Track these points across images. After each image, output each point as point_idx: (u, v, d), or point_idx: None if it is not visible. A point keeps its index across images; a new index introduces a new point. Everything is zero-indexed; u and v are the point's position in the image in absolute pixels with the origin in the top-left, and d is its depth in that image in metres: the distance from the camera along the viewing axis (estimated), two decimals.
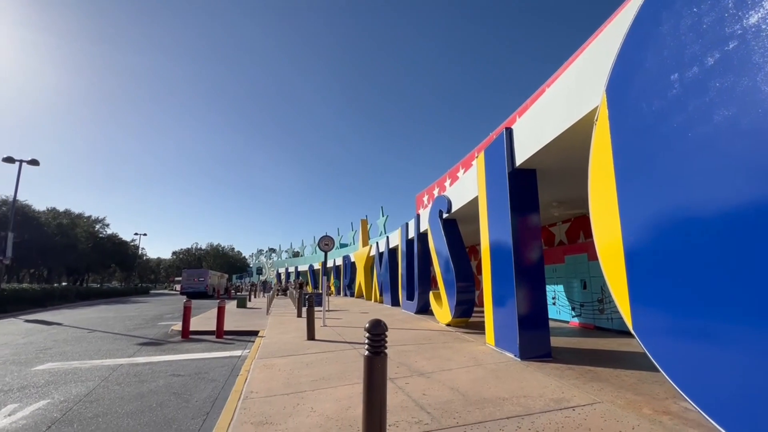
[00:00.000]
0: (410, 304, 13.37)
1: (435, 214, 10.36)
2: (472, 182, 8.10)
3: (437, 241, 10.20)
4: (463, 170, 18.37)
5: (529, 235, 5.71)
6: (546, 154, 5.39)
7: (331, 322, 10.93)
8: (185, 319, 9.59)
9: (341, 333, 8.64)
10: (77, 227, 40.54)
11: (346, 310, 15.51)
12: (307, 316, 7.97)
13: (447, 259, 9.28)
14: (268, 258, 67.97)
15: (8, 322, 13.79)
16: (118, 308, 20.48)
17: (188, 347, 8.15)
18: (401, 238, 15.57)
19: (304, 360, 5.89)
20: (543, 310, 5.56)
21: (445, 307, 9.33)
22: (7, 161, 18.48)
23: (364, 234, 26.56)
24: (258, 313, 14.82)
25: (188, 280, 32.07)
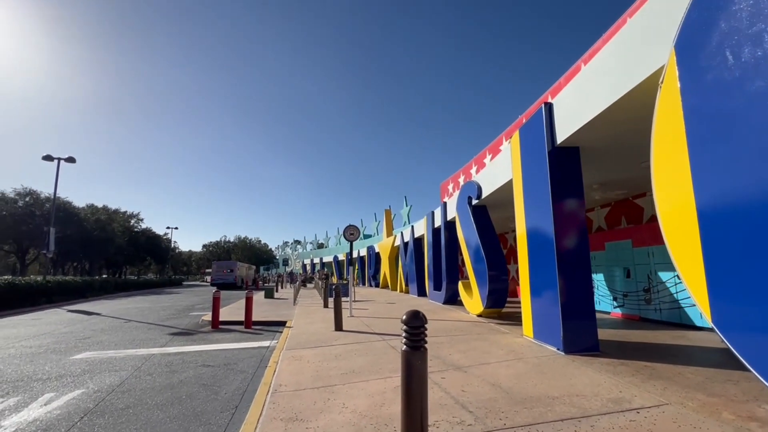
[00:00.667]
0: (438, 294, 13.05)
1: (463, 201, 9.92)
2: (504, 166, 7.61)
3: (466, 228, 9.78)
4: (490, 156, 17.73)
5: (573, 218, 5.24)
6: (591, 130, 4.87)
7: (358, 312, 10.78)
8: (214, 310, 9.67)
9: (369, 324, 8.45)
10: (114, 222, 42.44)
11: (372, 300, 15.37)
12: (334, 307, 7.80)
13: (477, 247, 8.86)
14: (294, 249, 69.13)
15: (53, 312, 14.50)
16: (153, 299, 21.25)
17: (218, 337, 8.19)
18: (427, 227, 15.19)
19: (332, 352, 5.70)
20: (589, 300, 5.10)
21: (476, 297, 8.95)
22: (46, 159, 19.34)
23: (388, 224, 26.31)
24: (285, 304, 14.92)
25: (218, 271, 32.98)
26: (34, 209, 33.81)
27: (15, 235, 32.74)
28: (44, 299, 17.06)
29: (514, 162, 6.60)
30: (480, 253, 8.68)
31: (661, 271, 7.27)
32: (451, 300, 12.33)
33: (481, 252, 8.63)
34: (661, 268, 7.27)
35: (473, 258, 9.26)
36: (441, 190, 24.94)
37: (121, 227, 44.35)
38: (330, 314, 10.49)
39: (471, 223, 9.28)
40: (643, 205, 8.51)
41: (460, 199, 10.26)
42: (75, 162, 19.89)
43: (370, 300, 15.40)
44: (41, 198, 34.96)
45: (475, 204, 9.55)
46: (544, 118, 5.46)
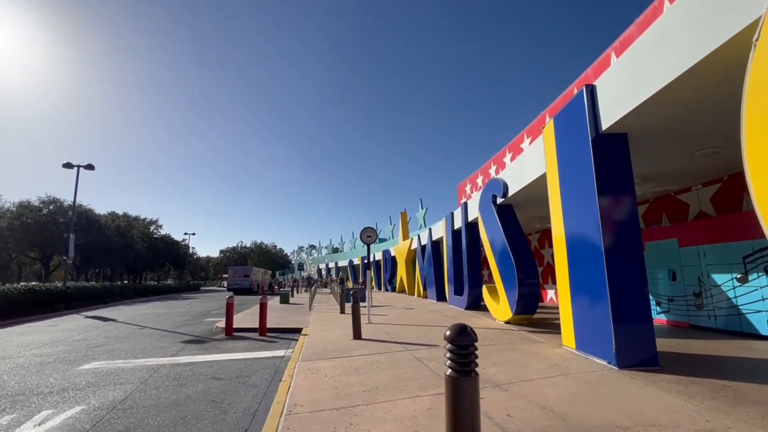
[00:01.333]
0: (459, 300, 12.42)
1: (487, 200, 9.33)
2: (533, 161, 7.02)
3: (491, 229, 9.17)
4: (511, 154, 17.09)
5: (624, 213, 4.62)
6: (642, 113, 4.27)
7: (377, 318, 10.27)
8: (228, 317, 9.32)
9: (389, 332, 7.92)
10: (133, 228, 43.26)
11: (390, 305, 14.84)
12: (352, 314, 7.31)
13: (504, 249, 8.24)
14: (309, 254, 69.25)
15: (71, 318, 14.48)
16: (170, 304, 21.23)
17: (231, 346, 7.80)
18: (446, 230, 14.60)
19: (352, 364, 5.20)
20: (645, 305, 4.46)
21: (504, 303, 8.32)
22: (66, 167, 19.61)
23: (404, 227, 25.77)
24: (300, 309, 14.53)
25: (234, 276, 33.04)
26: (58, 217, 34.65)
27: (39, 242, 33.59)
28: (63, 305, 17.14)
29: (549, 154, 6.00)
30: (507, 256, 8.07)
31: (716, 273, 6.52)
32: (474, 305, 11.68)
33: (508, 254, 8.01)
34: (716, 270, 6.52)
35: (499, 261, 8.64)
36: (458, 191, 24.31)
37: (140, 234, 45.14)
38: (347, 320, 10.01)
39: (496, 223, 8.68)
40: (688, 201, 7.76)
41: (484, 198, 9.67)
42: (94, 169, 20.11)
43: (388, 305, 14.88)
44: (64, 206, 35.80)
45: (500, 203, 8.95)
46: (586, 103, 4.86)
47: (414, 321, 9.55)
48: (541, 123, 13.98)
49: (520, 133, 15.91)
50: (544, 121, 13.75)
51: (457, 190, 24.49)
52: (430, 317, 10.25)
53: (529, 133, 15.28)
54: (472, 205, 11.42)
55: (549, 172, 5.99)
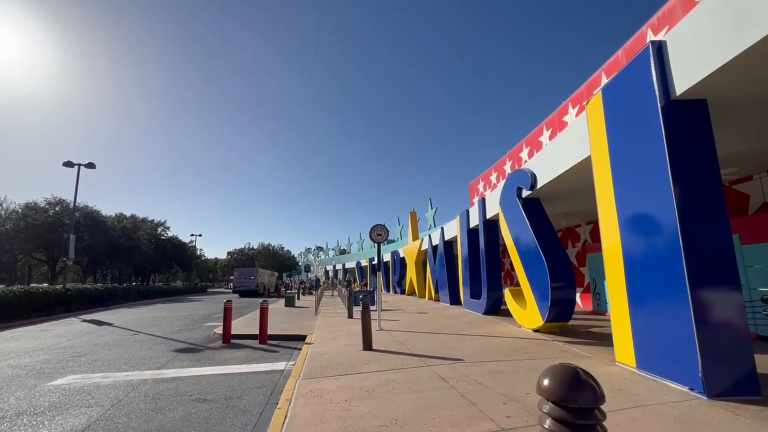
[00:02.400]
0: (476, 304, 11.47)
1: (510, 194, 8.39)
2: (570, 145, 6.09)
3: (515, 226, 8.23)
4: (528, 149, 16.13)
5: (709, 197, 3.68)
6: (731, 72, 3.34)
7: (388, 324, 9.37)
8: (226, 323, 8.52)
9: (403, 341, 7.02)
10: (140, 230, 42.96)
11: (401, 309, 13.94)
12: (362, 321, 6.43)
13: (532, 248, 7.30)
14: (316, 256, 68.62)
15: (67, 321, 13.84)
16: (173, 307, 20.57)
17: (226, 356, 6.98)
18: (460, 228, 13.67)
19: (363, 384, 4.32)
20: (740, 313, 3.50)
21: (532, 309, 7.37)
22: (66, 165, 19.10)
23: (414, 227, 24.85)
24: (306, 314, 13.69)
25: (240, 278, 32.40)
26: (64, 218, 34.38)
27: (46, 243, 33.33)
28: (62, 308, 16.54)
29: (595, 134, 5.07)
30: (536, 256, 7.13)
31: None
32: (493, 310, 10.73)
33: (538, 254, 7.07)
34: None
35: (526, 261, 7.70)
36: (470, 189, 23.36)
37: (147, 235, 44.84)
38: (355, 327, 9.14)
39: (522, 219, 7.74)
40: (748, 192, 6.74)
41: (506, 192, 8.73)
42: (94, 168, 19.58)
43: (398, 309, 13.97)
44: (71, 207, 35.52)
45: (526, 197, 8.01)
46: (653, 64, 3.93)
47: (429, 328, 8.63)
48: (563, 114, 13.00)
49: (538, 126, 14.93)
50: (566, 111, 12.78)
51: (468, 189, 23.56)
52: (446, 323, 9.33)
53: (549, 125, 14.30)
54: (492, 201, 10.48)
55: (595, 155, 5.06)
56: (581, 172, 6.18)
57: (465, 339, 6.94)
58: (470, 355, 5.52)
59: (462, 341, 6.72)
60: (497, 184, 19.04)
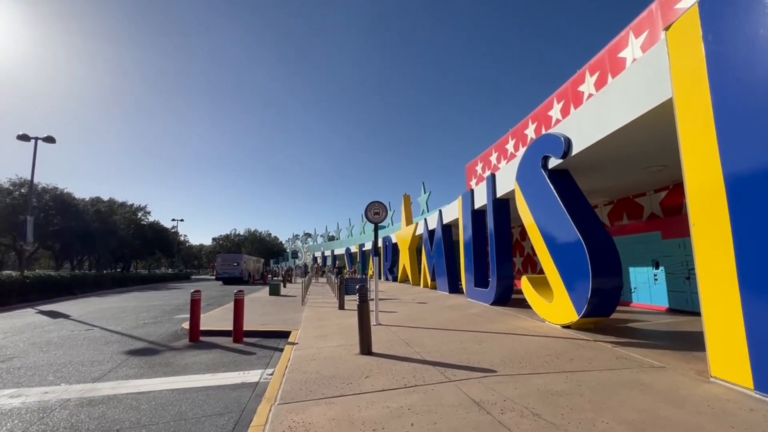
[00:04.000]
0: (482, 293, 10.29)
1: (532, 166, 7.09)
2: (632, 93, 4.77)
3: (538, 203, 6.96)
4: (534, 125, 14.80)
5: None
6: None
7: (386, 318, 8.10)
8: (193, 317, 7.11)
9: (409, 340, 5.74)
10: (115, 214, 40.55)
11: (396, 298, 12.71)
12: (359, 319, 5.09)
13: (565, 228, 6.04)
14: (304, 242, 67.06)
15: (19, 313, 12.18)
16: (148, 296, 18.96)
17: (189, 360, 5.60)
18: (462, 210, 12.39)
19: (366, 415, 3.01)
20: None
21: (562, 301, 6.16)
22: (21, 139, 17.04)
23: (408, 211, 23.54)
24: (291, 304, 12.33)
25: (223, 265, 30.71)
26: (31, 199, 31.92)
27: (11, 227, 30.95)
28: (17, 298, 14.79)
29: (682, 67, 3.72)
30: (571, 237, 5.87)
31: None
32: (502, 300, 9.56)
33: (573, 235, 5.81)
34: None
35: (554, 245, 6.45)
36: (467, 172, 22.05)
37: (124, 219, 42.48)
38: (348, 320, 7.85)
39: (549, 194, 6.45)
40: None
41: (526, 164, 7.42)
42: (54, 142, 17.55)
43: (394, 298, 12.74)
44: (38, 188, 33.06)
45: (553, 168, 6.72)
46: None
47: (434, 322, 7.39)
48: (578, 83, 11.68)
49: (548, 99, 13.58)
50: (582, 80, 11.46)
51: (465, 171, 22.30)
52: (452, 316, 8.09)
53: (560, 97, 12.97)
54: (504, 177, 9.18)
55: (682, 95, 3.73)
56: (641, 129, 4.89)
57: (484, 338, 5.69)
58: (501, 364, 4.26)
59: (482, 341, 5.46)
60: (498, 165, 17.78)
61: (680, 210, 8.14)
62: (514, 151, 16.09)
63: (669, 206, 8.51)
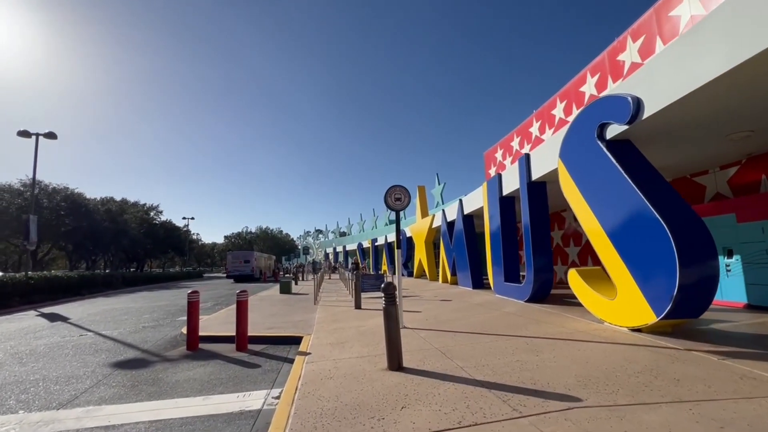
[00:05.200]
0: (515, 289, 9.19)
1: (584, 136, 5.94)
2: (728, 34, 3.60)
3: (591, 181, 5.83)
4: (563, 103, 13.58)
5: None
6: None
7: (409, 318, 7.09)
8: (191, 323, 6.19)
9: (443, 348, 4.70)
10: (126, 213, 40.33)
11: (416, 295, 11.68)
12: (386, 327, 4.04)
13: (634, 206, 4.90)
14: (315, 239, 66.49)
15: (18, 317, 11.54)
16: (155, 296, 18.32)
17: (181, 375, 4.67)
18: (488, 198, 11.25)
19: None
20: None
21: (630, 299, 5.03)
22: (22, 135, 16.45)
23: (423, 203, 22.43)
24: (303, 303, 11.41)
25: (233, 263, 30.15)
26: (42, 200, 31.80)
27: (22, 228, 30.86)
28: (20, 300, 14.22)
29: None
30: (645, 218, 4.73)
31: None
32: (540, 296, 8.45)
33: (648, 214, 4.67)
34: None
35: (618, 230, 5.32)
36: (485, 160, 20.87)
37: (135, 219, 42.31)
38: (366, 321, 6.85)
39: (611, 169, 5.31)
40: None
41: (574, 135, 6.27)
42: (56, 138, 16.94)
43: (413, 295, 11.71)
44: (49, 189, 32.95)
45: (612, 138, 5.57)
46: None
47: (469, 324, 6.33)
48: (619, 51, 10.45)
49: (581, 72, 12.33)
50: (623, 47, 10.20)
51: (484, 159, 21.09)
52: (487, 317, 7.03)
53: (595, 71, 11.73)
54: (543, 156, 8.02)
55: None
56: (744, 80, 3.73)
57: (540, 346, 4.61)
58: (580, 386, 3.19)
59: (538, 350, 4.39)
60: (521, 150, 16.53)
61: (758, 187, 6.89)
62: (540, 134, 14.85)
63: (741, 184, 7.24)
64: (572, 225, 13.68)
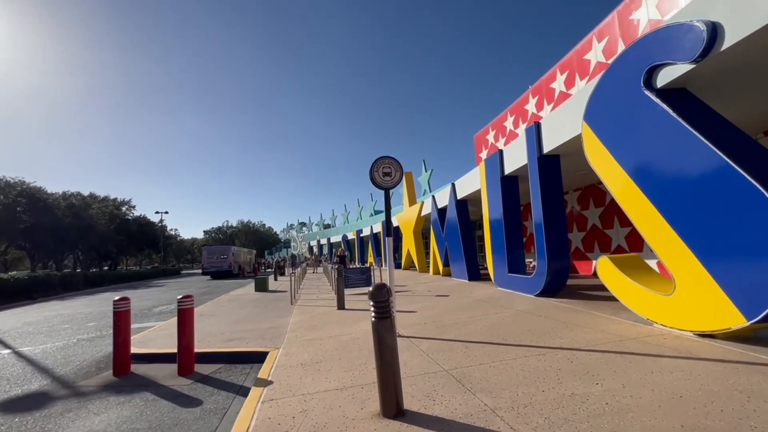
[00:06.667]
0: (522, 281, 7.98)
1: (624, 88, 4.66)
2: None
3: (636, 143, 4.55)
4: (564, 75, 12.42)
5: None
6: None
7: (404, 321, 5.76)
8: (117, 338, 4.69)
9: (458, 371, 3.37)
10: (91, 208, 37.54)
11: (408, 290, 10.37)
12: (378, 353, 2.65)
13: (709, 172, 3.64)
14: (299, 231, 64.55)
15: None
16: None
17: (80, 424, 3.20)
18: (486, 180, 9.98)
19: None
20: None
21: (704, 293, 3.80)
22: None
23: (410, 190, 21.08)
24: (279, 302, 9.95)
25: (209, 258, 28.22)
26: None
27: None
28: None
29: None
30: (726, 185, 3.48)
31: None
32: (554, 288, 7.26)
33: (733, 179, 3.42)
34: None
35: (673, 203, 4.07)
36: (476, 143, 19.65)
37: (104, 214, 39.53)
38: (350, 327, 5.46)
39: (667, 123, 4.04)
40: None
41: (608, 88, 4.98)
42: None
43: (404, 290, 10.39)
44: (2, 183, 30.08)
45: (664, 86, 4.28)
46: None
47: (480, 330, 5.03)
48: (633, 8, 9.22)
49: (585, 38, 11.12)
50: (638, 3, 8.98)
51: (474, 142, 19.87)
52: (498, 318, 5.76)
53: (603, 34, 10.56)
54: (557, 123, 6.72)
55: None
56: None
57: (591, 365, 3.33)
58: None
59: (595, 375, 3.10)
60: (515, 130, 15.32)
61: None
62: (537, 111, 13.64)
63: None
64: (574, 208, 12.58)
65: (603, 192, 11.00)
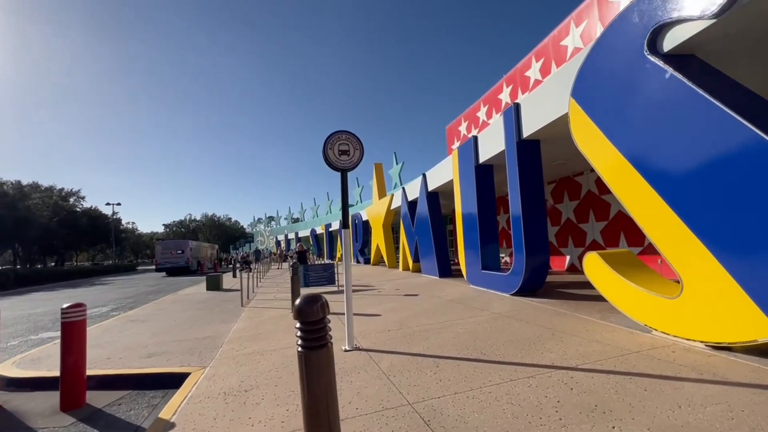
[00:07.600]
0: (497, 278, 7.32)
1: (625, 51, 3.97)
2: None
3: (640, 118, 3.87)
4: (539, 63, 11.94)
5: None
6: None
7: (364, 327, 4.88)
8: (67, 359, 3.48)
9: (428, 406, 2.52)
10: (28, 198, 33.92)
11: (373, 288, 9.48)
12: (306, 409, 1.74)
13: (730, 145, 2.98)
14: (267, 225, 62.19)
15: None
16: (49, 297, 14.55)
17: None
18: (459, 169, 9.26)
19: None
20: None
21: (720, 297, 3.16)
22: None
23: (380, 182, 20.20)
24: (229, 304, 8.79)
25: (164, 253, 26.07)
26: None
27: None
28: None
29: None
30: (748, 163, 2.82)
31: None
32: (532, 286, 6.64)
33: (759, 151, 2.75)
34: None
35: (681, 190, 3.41)
36: (448, 134, 19.07)
37: (43, 204, 35.92)
38: None
39: (677, 92, 3.36)
40: None
41: (601, 57, 4.27)
42: None
43: (369, 288, 9.50)
44: None
45: (669, 52, 3.60)
46: None
47: (453, 339, 4.22)
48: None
49: (563, 23, 10.61)
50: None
51: (446, 133, 19.27)
52: (474, 323, 4.99)
53: (581, 19, 10.08)
54: (539, 102, 6.01)
55: None
56: None
57: (597, 392, 2.59)
58: None
59: (608, 411, 2.35)
60: (488, 121, 14.77)
61: None
62: (511, 100, 13.11)
63: None
64: (548, 202, 12.16)
65: (578, 185, 10.57)
